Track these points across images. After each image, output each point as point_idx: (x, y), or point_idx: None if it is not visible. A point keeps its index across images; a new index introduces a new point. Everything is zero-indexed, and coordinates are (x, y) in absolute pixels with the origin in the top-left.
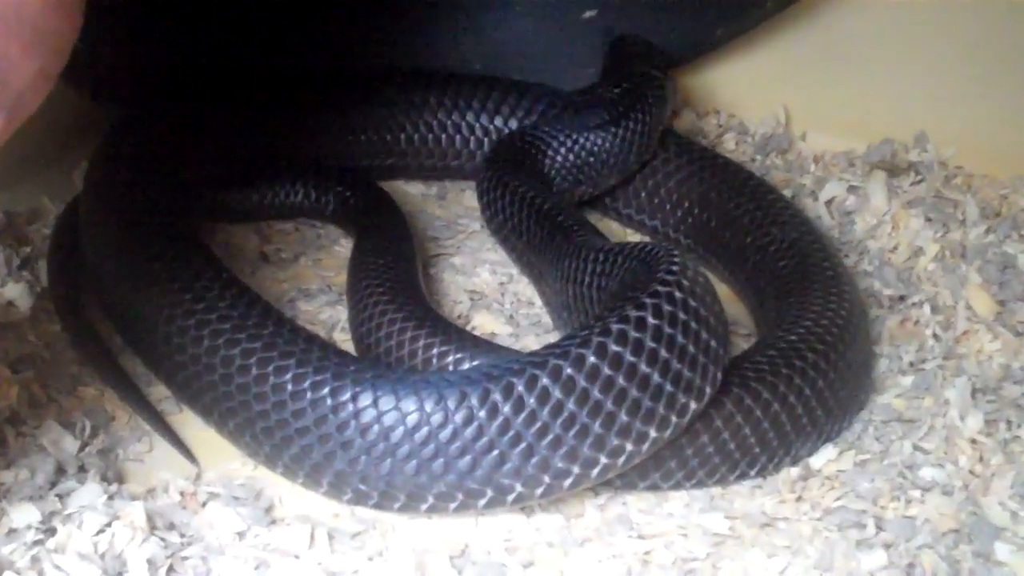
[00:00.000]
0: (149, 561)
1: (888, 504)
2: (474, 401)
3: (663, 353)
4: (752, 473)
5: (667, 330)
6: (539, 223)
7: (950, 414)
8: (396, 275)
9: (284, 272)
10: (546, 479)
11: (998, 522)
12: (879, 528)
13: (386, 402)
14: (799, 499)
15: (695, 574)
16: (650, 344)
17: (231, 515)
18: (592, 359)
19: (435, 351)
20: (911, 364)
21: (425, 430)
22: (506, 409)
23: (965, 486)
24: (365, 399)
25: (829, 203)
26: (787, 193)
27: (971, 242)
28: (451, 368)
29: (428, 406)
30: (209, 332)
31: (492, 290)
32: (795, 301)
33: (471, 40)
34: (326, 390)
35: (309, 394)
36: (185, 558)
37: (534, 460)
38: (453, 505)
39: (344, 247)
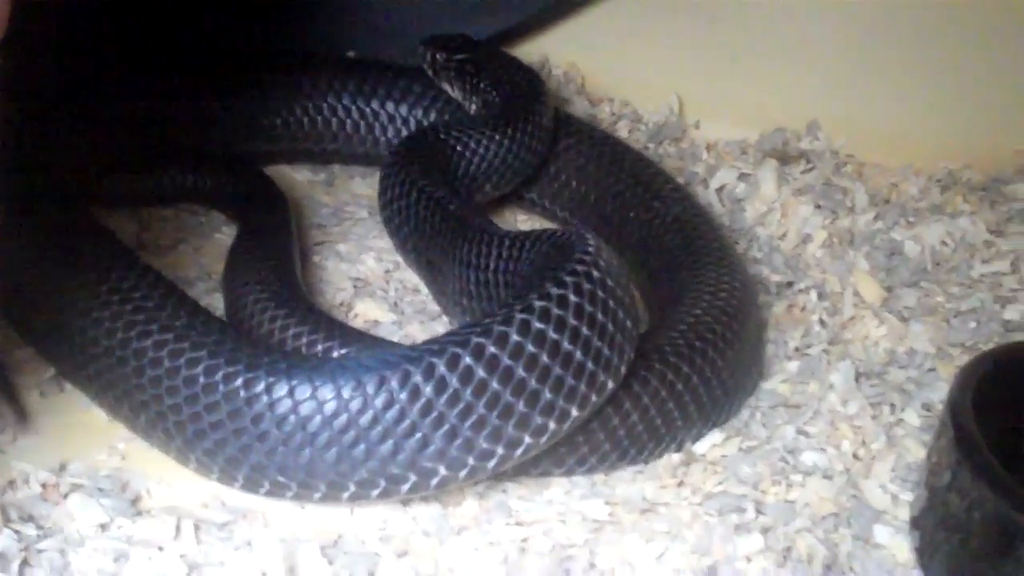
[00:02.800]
0: (0, 555)
1: (769, 488)
2: (394, 384)
3: (584, 331)
4: (641, 458)
5: (587, 308)
6: (439, 215)
7: (833, 399)
8: (272, 263)
9: (161, 259)
10: (470, 461)
11: (878, 505)
12: (759, 512)
13: (302, 390)
14: (680, 484)
15: (572, 561)
16: (572, 322)
17: (94, 506)
18: (515, 337)
19: (304, 340)
20: (797, 350)
21: (344, 417)
22: (428, 390)
23: (846, 470)
24: (280, 389)
25: (720, 191)
26: (679, 181)
27: (859, 229)
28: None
29: (346, 392)
30: (123, 324)
31: (377, 277)
32: (686, 281)
33: (349, 22)
34: (239, 381)
35: (222, 386)
36: (41, 551)
37: (458, 442)
38: (375, 492)
39: (226, 235)
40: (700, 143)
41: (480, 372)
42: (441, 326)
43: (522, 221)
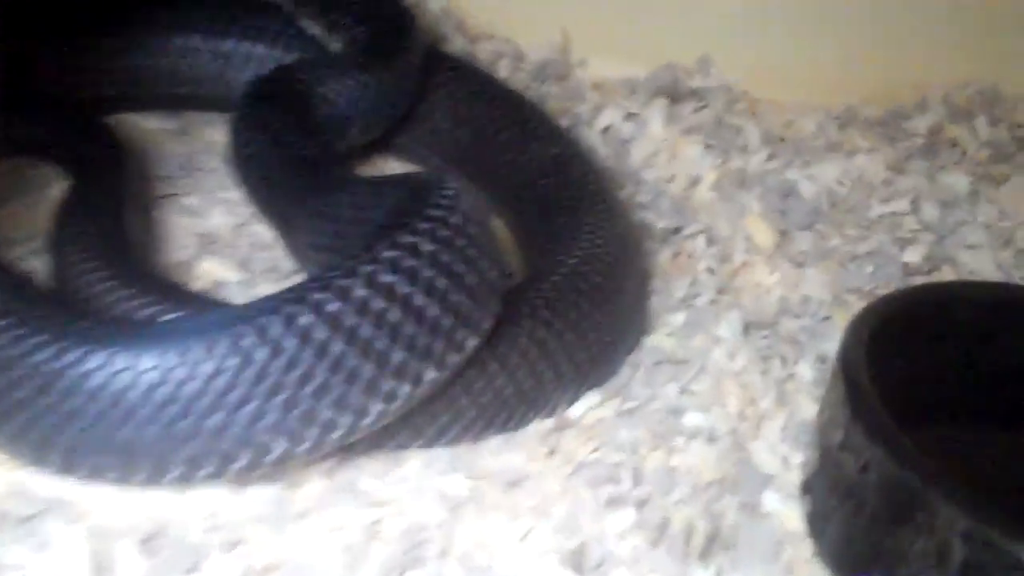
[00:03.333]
0: None
1: (648, 454)
2: (223, 348)
3: (440, 283)
4: (509, 426)
5: (443, 257)
6: (291, 162)
7: (720, 353)
8: (100, 220)
9: None
10: (312, 432)
11: (767, 469)
12: (636, 483)
13: (119, 359)
14: (551, 453)
15: (424, 546)
16: (425, 273)
17: None
18: (360, 291)
19: (132, 306)
20: (683, 300)
21: (167, 387)
22: (261, 355)
23: (733, 431)
24: (94, 359)
25: (605, 131)
26: (563, 123)
27: (752, 170)
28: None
29: (169, 359)
30: None
31: (226, 232)
32: (561, 228)
33: None
34: (48, 352)
35: (28, 358)
36: None
37: (296, 412)
38: (203, 472)
39: (60, 190)
40: (586, 82)
41: (320, 332)
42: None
43: (394, 169)
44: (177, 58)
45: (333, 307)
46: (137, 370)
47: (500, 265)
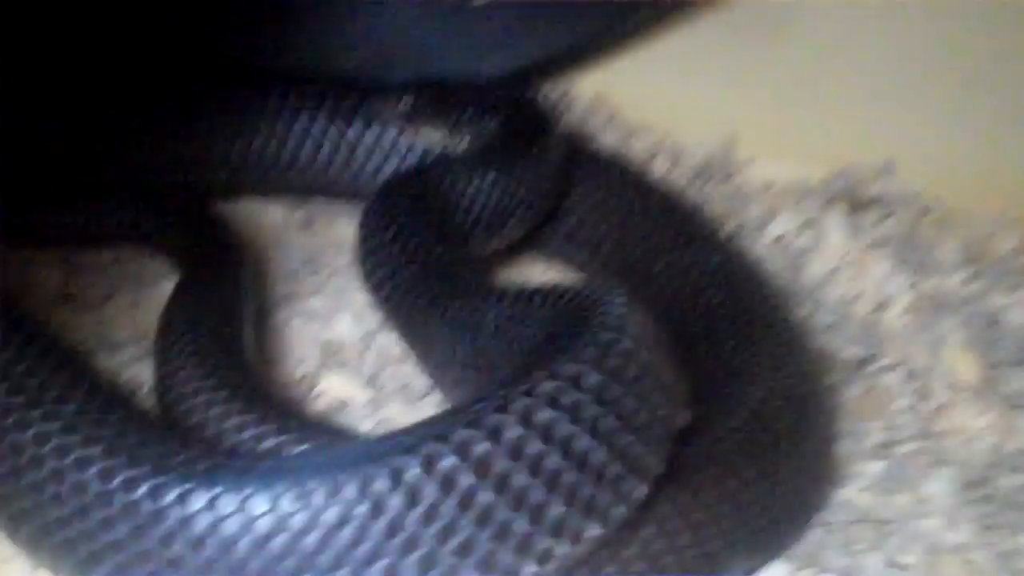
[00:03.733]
0: None
1: None
2: (350, 492)
3: (607, 421)
4: None
5: (613, 391)
6: (429, 266)
7: (933, 520)
8: (212, 326)
9: (88, 316)
10: None
11: None
12: None
13: (227, 501)
14: None
15: None
16: (591, 410)
17: None
18: (513, 430)
19: (246, 432)
20: (879, 447)
21: (283, 537)
22: (395, 502)
23: None
24: (197, 499)
25: (776, 241)
26: (727, 229)
27: (949, 292)
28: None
29: (286, 503)
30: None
31: (352, 342)
32: (733, 354)
33: (339, 37)
34: (143, 488)
35: (120, 495)
36: None
37: (435, 573)
38: None
39: (169, 285)
40: (753, 184)
41: (465, 478)
42: (430, 407)
43: (538, 275)
44: (298, 142)
45: (481, 449)
46: (247, 515)
47: (675, 400)
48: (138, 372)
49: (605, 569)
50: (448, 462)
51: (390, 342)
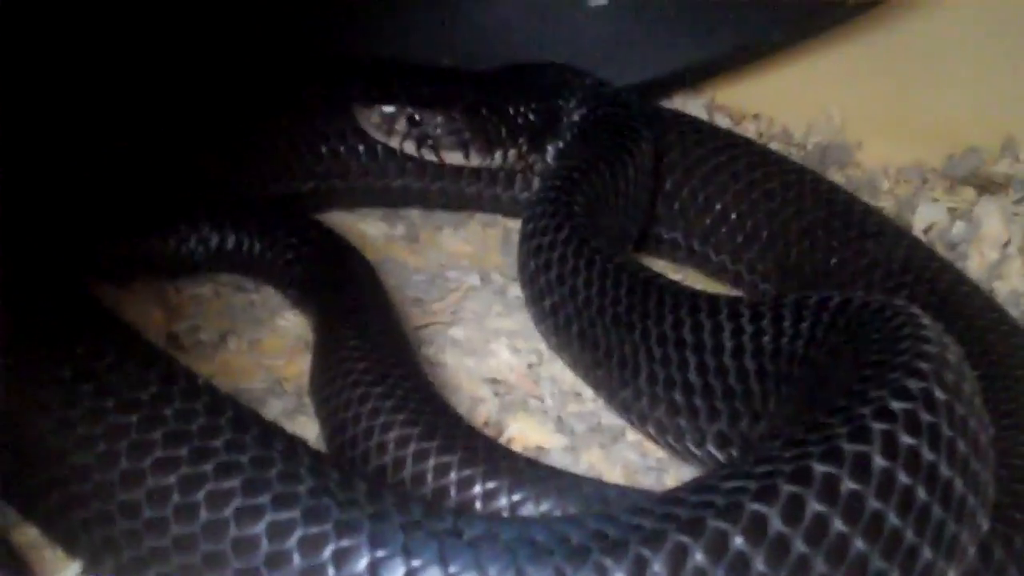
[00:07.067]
0: None
1: None
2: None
3: (920, 494)
4: None
5: (945, 433)
6: (622, 279)
7: None
8: (388, 361)
9: (207, 362)
10: None
11: None
12: None
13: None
14: None
15: None
16: (927, 456)
17: None
18: (815, 505)
19: (458, 476)
20: None
21: None
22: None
23: None
24: (394, 568)
25: (927, 231)
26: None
27: None
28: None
29: None
30: (152, 464)
31: (520, 377)
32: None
33: (447, 26)
34: (362, 564)
35: (332, 570)
36: None
37: None
38: None
39: (291, 320)
40: (874, 169)
41: (758, 564)
42: (630, 449)
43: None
44: (390, 148)
45: (779, 528)
46: None
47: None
48: (291, 427)
49: None
50: (737, 544)
51: (558, 372)
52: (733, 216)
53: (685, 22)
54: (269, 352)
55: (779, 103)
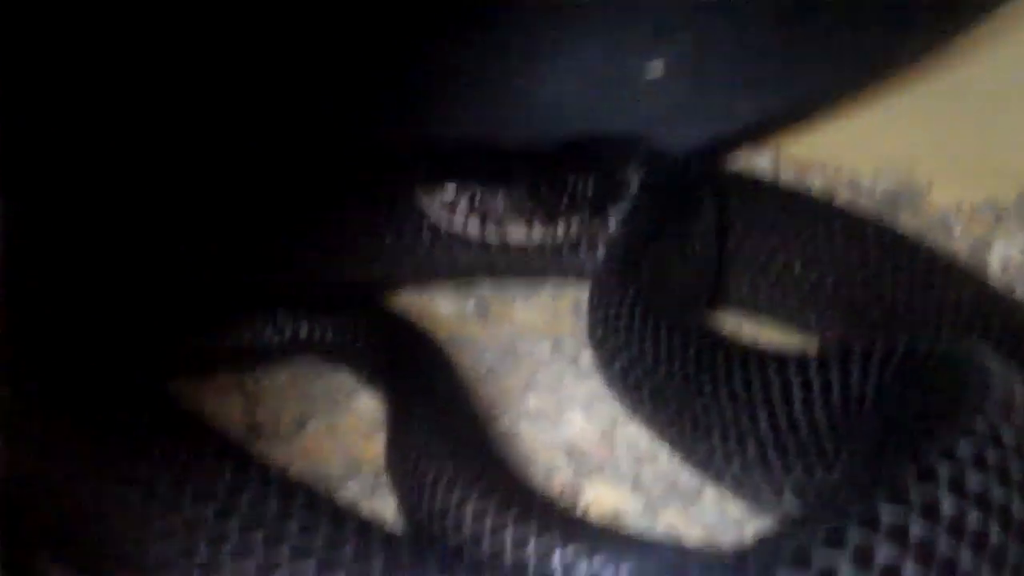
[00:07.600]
0: None
1: None
2: None
3: (993, 535)
4: None
5: (996, 496)
6: (681, 342)
7: None
8: (460, 437)
9: (287, 448)
10: None
11: None
12: None
13: None
14: None
15: None
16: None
17: None
18: (916, 530)
19: (556, 560)
20: None
21: None
22: None
23: None
24: None
25: (1005, 270)
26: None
27: None
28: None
29: None
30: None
31: (595, 443)
32: None
33: (503, 104)
34: None
35: None
36: None
37: None
38: None
39: (367, 402)
40: (947, 210)
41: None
42: (709, 506)
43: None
44: None
45: (887, 554)
46: None
47: None
48: (371, 507)
49: None
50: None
51: (633, 435)
52: (797, 268)
53: (740, 83)
54: (347, 434)
55: (845, 151)
